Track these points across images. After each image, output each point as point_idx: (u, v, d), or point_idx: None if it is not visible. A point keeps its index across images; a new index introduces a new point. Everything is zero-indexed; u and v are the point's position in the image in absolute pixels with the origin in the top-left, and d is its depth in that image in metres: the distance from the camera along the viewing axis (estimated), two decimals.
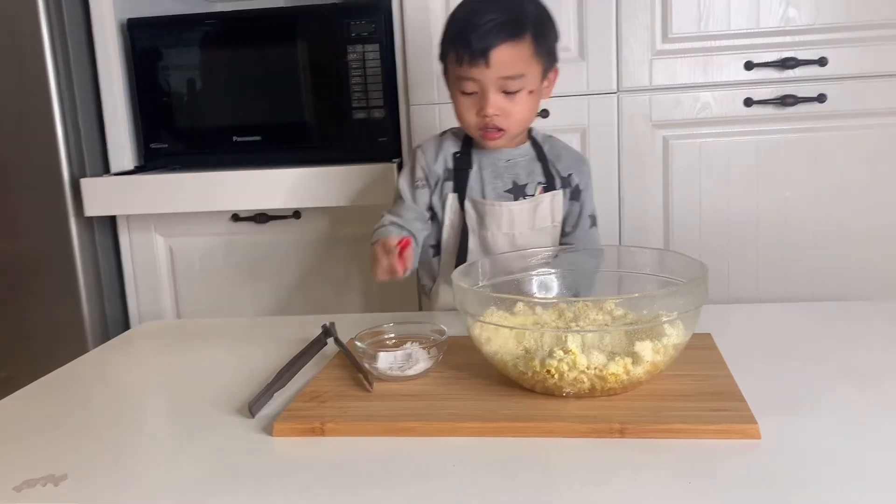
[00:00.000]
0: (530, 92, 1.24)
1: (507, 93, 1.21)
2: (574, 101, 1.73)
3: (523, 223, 1.31)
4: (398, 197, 1.35)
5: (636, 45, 1.70)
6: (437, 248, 1.35)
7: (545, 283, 1.10)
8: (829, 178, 1.70)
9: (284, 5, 2.13)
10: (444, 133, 1.37)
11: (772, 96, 1.68)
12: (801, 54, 1.66)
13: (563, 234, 1.36)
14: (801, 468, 0.72)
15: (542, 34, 1.23)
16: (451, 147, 1.33)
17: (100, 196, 1.81)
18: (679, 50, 1.70)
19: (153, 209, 1.83)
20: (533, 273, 1.10)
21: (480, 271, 1.06)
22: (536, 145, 1.35)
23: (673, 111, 1.72)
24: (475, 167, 1.31)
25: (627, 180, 1.75)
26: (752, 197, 1.73)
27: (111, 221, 1.94)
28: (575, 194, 1.35)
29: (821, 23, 1.65)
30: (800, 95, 1.67)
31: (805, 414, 0.84)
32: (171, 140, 1.92)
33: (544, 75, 1.27)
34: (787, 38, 1.67)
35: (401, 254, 1.13)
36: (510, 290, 1.07)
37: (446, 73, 1.28)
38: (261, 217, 1.88)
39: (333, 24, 1.79)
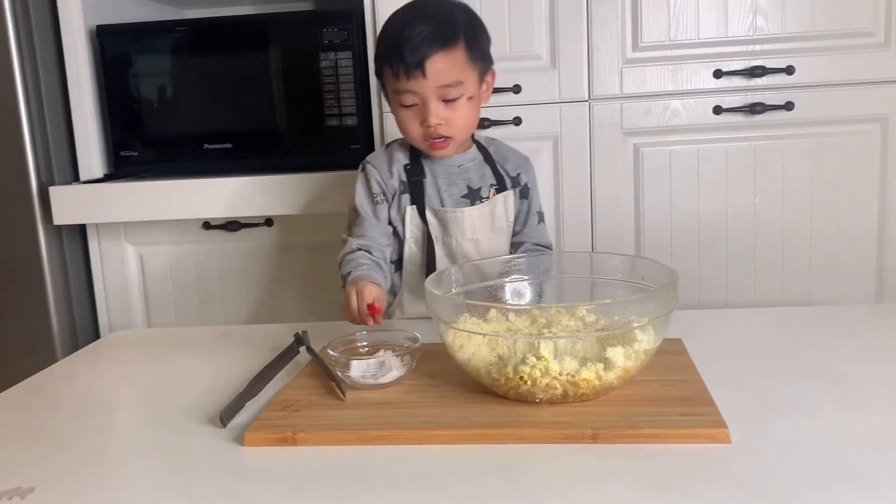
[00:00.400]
0: (470, 98, 1.24)
1: (447, 101, 1.22)
2: (546, 109, 1.74)
3: (484, 226, 1.32)
4: (357, 215, 1.32)
5: (607, 54, 1.72)
6: (397, 262, 1.34)
7: (518, 290, 1.11)
8: (797, 185, 1.73)
9: (256, 12, 2.12)
10: (389, 145, 1.36)
11: (740, 104, 1.71)
12: (769, 63, 1.69)
13: (514, 232, 1.37)
14: (771, 472, 0.73)
15: (474, 40, 1.24)
16: (402, 159, 1.32)
17: (69, 204, 1.79)
18: (649, 58, 1.72)
19: (123, 217, 1.81)
20: (506, 280, 1.11)
21: (453, 278, 1.06)
22: (482, 148, 1.36)
23: (643, 119, 1.73)
24: (428, 177, 1.31)
25: (599, 187, 1.76)
26: (721, 203, 1.75)
27: (80, 230, 1.92)
28: (524, 193, 1.37)
29: (788, 32, 1.68)
30: (768, 103, 1.69)
31: (775, 418, 0.85)
32: (141, 148, 1.90)
33: (481, 80, 1.27)
34: (756, 47, 1.69)
35: (372, 314, 1.10)
36: (483, 297, 1.07)
37: (384, 87, 1.28)
38: (232, 225, 1.86)
39: (305, 31, 1.79)
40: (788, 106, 1.69)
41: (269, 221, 1.86)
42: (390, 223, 1.32)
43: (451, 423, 0.85)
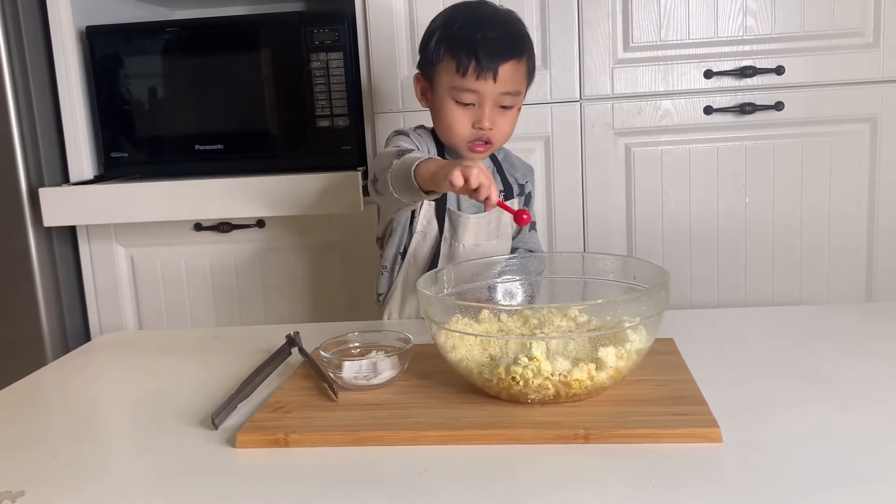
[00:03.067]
0: (518, 108, 1.29)
1: (502, 107, 1.25)
2: (537, 110, 1.75)
3: (490, 233, 1.34)
4: (398, 155, 1.18)
5: (598, 54, 1.72)
6: (403, 254, 1.35)
7: (510, 291, 1.11)
8: (786, 185, 1.73)
9: (247, 13, 2.12)
10: (417, 129, 1.35)
11: (731, 104, 1.71)
12: (759, 63, 1.69)
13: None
14: (763, 471, 0.73)
15: (532, 54, 1.28)
16: (432, 150, 1.32)
17: (59, 206, 1.78)
18: (640, 59, 1.72)
19: (113, 219, 1.81)
20: (498, 280, 1.11)
21: (445, 279, 1.06)
22: (492, 156, 1.38)
23: (634, 119, 1.74)
24: None
25: (591, 187, 1.77)
26: (712, 203, 1.75)
27: (71, 232, 1.91)
28: (527, 200, 1.41)
29: (778, 32, 1.69)
30: (758, 103, 1.70)
31: (765, 417, 0.85)
32: (131, 149, 1.90)
33: (526, 93, 1.31)
34: (746, 48, 1.70)
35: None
36: (475, 297, 1.07)
37: (426, 80, 1.28)
38: (224, 226, 1.86)
39: (296, 32, 1.79)
40: (778, 106, 1.70)
41: (260, 223, 1.85)
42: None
43: (444, 423, 0.85)
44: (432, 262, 1.32)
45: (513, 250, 1.40)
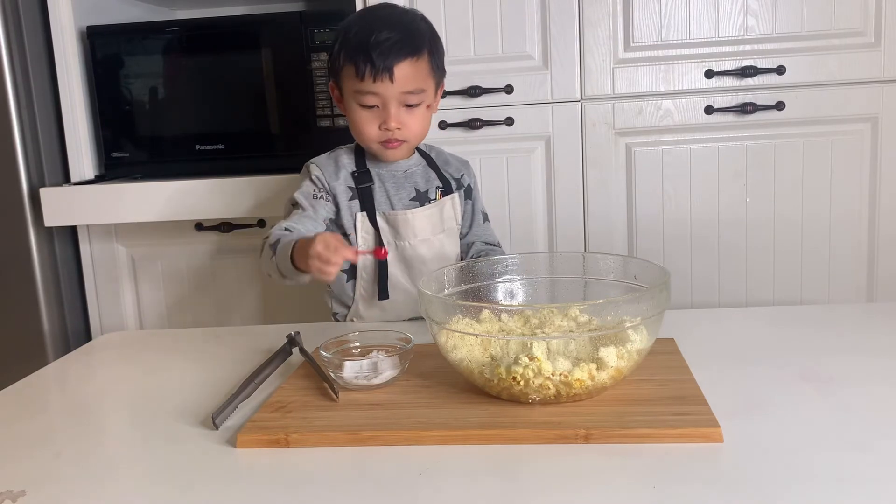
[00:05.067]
0: (427, 106, 1.29)
1: (407, 106, 1.26)
2: (538, 110, 1.75)
3: (434, 227, 1.34)
4: (295, 207, 1.30)
5: (599, 54, 1.72)
6: (350, 272, 1.34)
7: (510, 290, 1.11)
8: (787, 185, 1.73)
9: (247, 13, 2.12)
10: (334, 151, 1.38)
11: (732, 104, 1.71)
12: (760, 63, 1.69)
13: (462, 234, 1.41)
14: (763, 471, 0.73)
15: (436, 51, 1.29)
16: (348, 165, 1.34)
17: (60, 206, 1.78)
18: (641, 58, 1.72)
19: (114, 219, 1.81)
20: (498, 280, 1.11)
21: (446, 279, 1.06)
22: (424, 154, 1.40)
23: (635, 119, 1.74)
24: (377, 182, 1.33)
25: (591, 187, 1.76)
26: (713, 203, 1.75)
27: (72, 232, 1.91)
28: (468, 193, 1.41)
29: (779, 32, 1.69)
30: (759, 103, 1.70)
31: (766, 417, 0.85)
32: (132, 149, 1.90)
33: (436, 90, 1.32)
34: (747, 47, 1.70)
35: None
36: (475, 297, 1.07)
37: (337, 87, 1.30)
38: (225, 226, 1.86)
39: (297, 31, 1.79)
40: (779, 106, 1.70)
41: (261, 222, 1.85)
42: (332, 224, 1.32)
43: (444, 423, 0.85)
44: (381, 270, 1.31)
45: (470, 245, 1.40)
